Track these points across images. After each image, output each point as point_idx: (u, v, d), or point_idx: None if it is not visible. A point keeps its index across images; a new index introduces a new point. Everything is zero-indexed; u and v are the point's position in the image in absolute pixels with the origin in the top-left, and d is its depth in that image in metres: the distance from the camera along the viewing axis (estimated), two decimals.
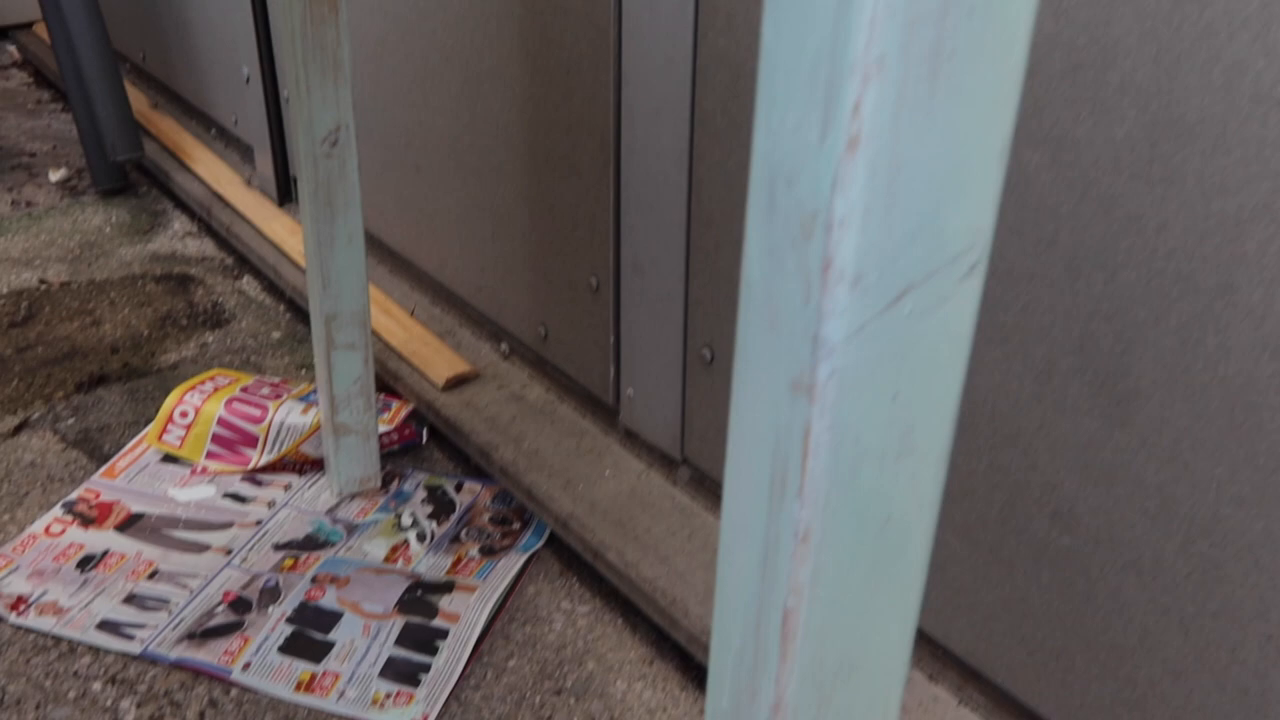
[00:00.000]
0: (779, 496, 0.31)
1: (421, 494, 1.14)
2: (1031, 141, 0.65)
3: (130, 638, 0.95)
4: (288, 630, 0.95)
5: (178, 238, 1.66)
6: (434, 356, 1.25)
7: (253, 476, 1.16)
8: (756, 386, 0.31)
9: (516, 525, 1.09)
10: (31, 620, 0.96)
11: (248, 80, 1.59)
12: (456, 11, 1.14)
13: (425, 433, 1.22)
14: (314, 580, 1.01)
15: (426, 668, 0.92)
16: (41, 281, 1.52)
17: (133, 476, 1.15)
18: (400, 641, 0.94)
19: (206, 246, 1.64)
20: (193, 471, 1.16)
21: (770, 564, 0.32)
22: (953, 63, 0.26)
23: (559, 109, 1.04)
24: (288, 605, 0.98)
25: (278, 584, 1.01)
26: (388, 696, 0.90)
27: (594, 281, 1.07)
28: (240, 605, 0.98)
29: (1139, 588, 0.68)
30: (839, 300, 0.28)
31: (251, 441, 1.17)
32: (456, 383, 1.21)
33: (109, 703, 0.88)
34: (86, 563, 1.03)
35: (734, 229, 0.90)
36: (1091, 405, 0.67)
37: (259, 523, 1.09)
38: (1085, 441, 0.68)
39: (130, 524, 1.09)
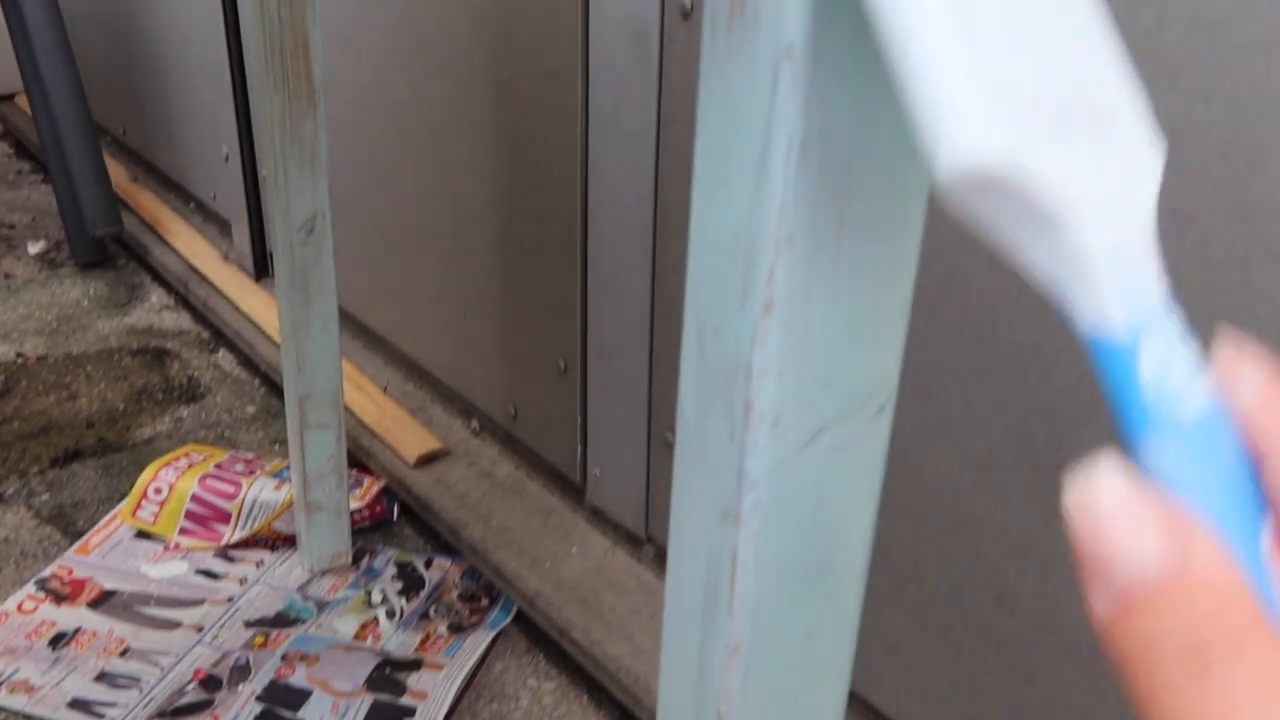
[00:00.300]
0: (712, 612, 0.34)
1: (392, 570, 1.16)
2: (970, 248, 0.69)
3: (101, 716, 0.96)
4: (257, 708, 0.97)
5: (155, 311, 1.68)
6: (406, 433, 1.27)
7: (225, 552, 1.18)
8: (691, 512, 0.34)
9: (485, 602, 1.11)
10: (3, 699, 0.97)
11: (227, 159, 1.63)
12: (431, 103, 1.18)
13: (396, 509, 1.24)
14: (284, 658, 1.03)
15: None
16: (19, 355, 1.54)
17: (106, 553, 1.17)
18: (368, 719, 0.96)
19: (183, 320, 1.66)
20: (166, 547, 1.18)
21: (705, 673, 0.35)
22: (855, 237, 0.29)
23: (528, 198, 1.08)
24: (258, 683, 1.00)
25: (248, 661, 1.02)
26: None
27: (562, 364, 1.10)
28: (211, 683, 1.00)
29: (1078, 671, 0.71)
30: (760, 440, 0.31)
31: (225, 517, 1.19)
32: (427, 459, 1.24)
33: None
34: (58, 640, 1.04)
35: None
36: (1030, 495, 0.70)
37: (230, 599, 1.11)
38: (1025, 530, 0.71)
39: (103, 601, 1.10)
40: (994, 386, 0.71)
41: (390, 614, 1.09)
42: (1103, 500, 0.19)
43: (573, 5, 0.95)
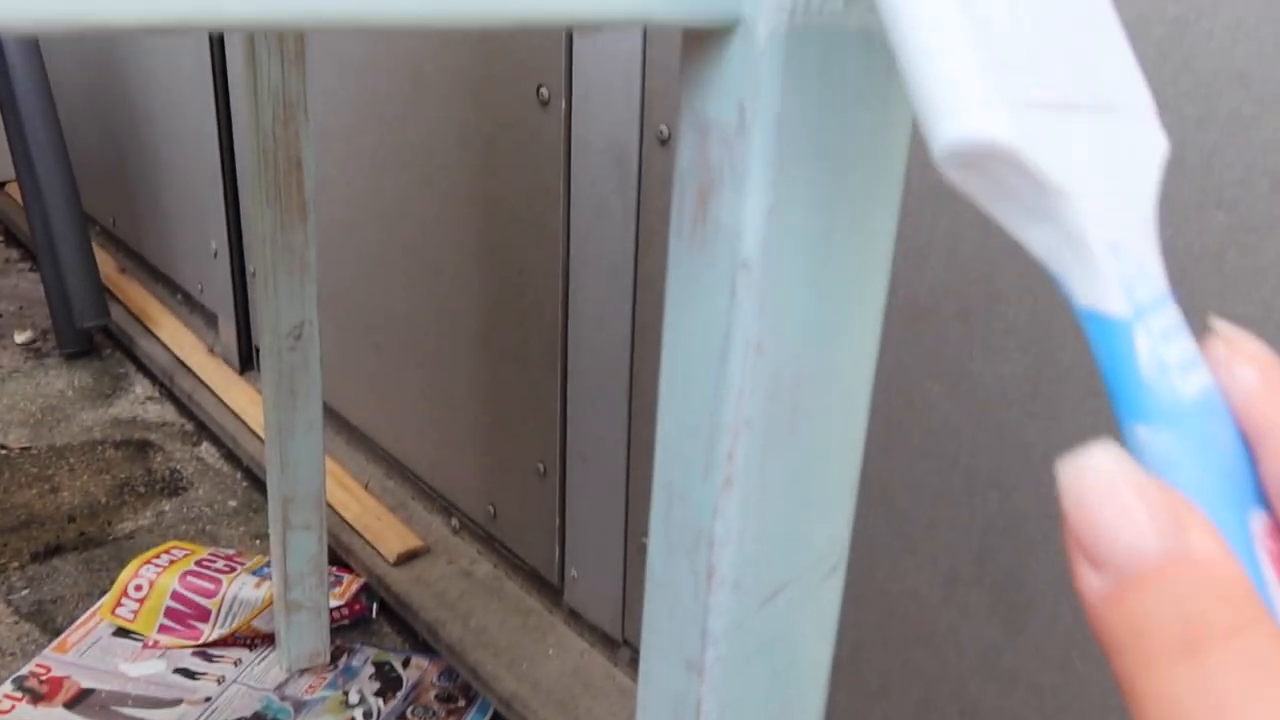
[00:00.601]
0: None
1: (369, 670, 1.17)
2: (932, 374, 0.73)
3: None
4: None
5: (139, 402, 1.70)
6: (386, 531, 1.29)
7: (204, 651, 1.19)
8: (659, 660, 0.37)
9: (462, 703, 1.12)
10: None
11: (215, 254, 1.66)
12: (419, 212, 1.22)
13: (375, 607, 1.25)
14: None
15: None
16: (2, 447, 1.55)
17: (84, 651, 1.17)
18: None
19: (167, 412, 1.68)
20: (144, 645, 1.19)
21: None
22: (807, 421, 0.32)
23: (511, 304, 1.12)
24: None
25: None
26: None
27: (541, 466, 1.12)
28: None
29: None
30: (722, 600, 0.34)
31: (204, 615, 1.20)
32: (407, 557, 1.25)
33: None
34: None
35: None
36: (991, 612, 0.73)
37: (208, 699, 1.12)
38: (987, 645, 0.74)
39: (80, 700, 1.10)
40: (956, 507, 0.73)
41: (367, 715, 1.10)
42: (1099, 478, 0.19)
43: (556, 126, 0.99)
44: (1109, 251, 0.21)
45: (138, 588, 1.22)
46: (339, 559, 1.29)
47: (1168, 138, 0.24)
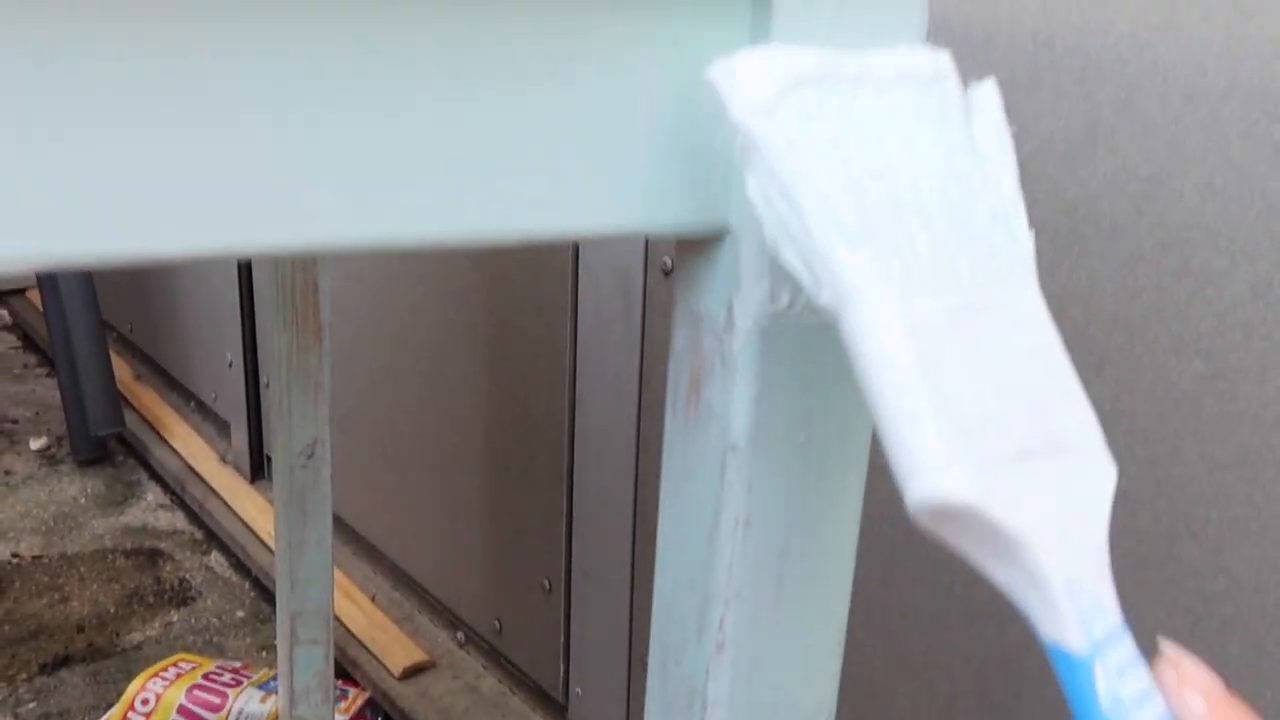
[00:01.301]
0: None
1: None
2: None
3: None
4: None
5: (150, 510, 1.72)
6: (392, 644, 1.30)
7: None
8: None
9: None
10: None
11: (230, 365, 1.69)
12: (430, 330, 1.25)
13: None
14: None
15: None
16: (14, 555, 1.57)
17: None
18: None
19: (178, 520, 1.70)
20: None
21: None
22: (793, 590, 0.35)
23: (517, 421, 1.14)
24: None
25: None
26: None
27: (546, 583, 1.14)
28: None
29: None
30: None
31: None
32: (413, 671, 1.26)
33: None
34: None
35: None
36: None
37: None
38: None
39: None
40: (953, 636, 0.75)
41: None
42: None
43: (563, 254, 1.03)
44: (1067, 590, 0.24)
45: (145, 701, 1.22)
46: (345, 672, 1.29)
47: (1115, 464, 0.27)
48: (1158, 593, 0.64)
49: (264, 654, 1.38)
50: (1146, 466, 0.63)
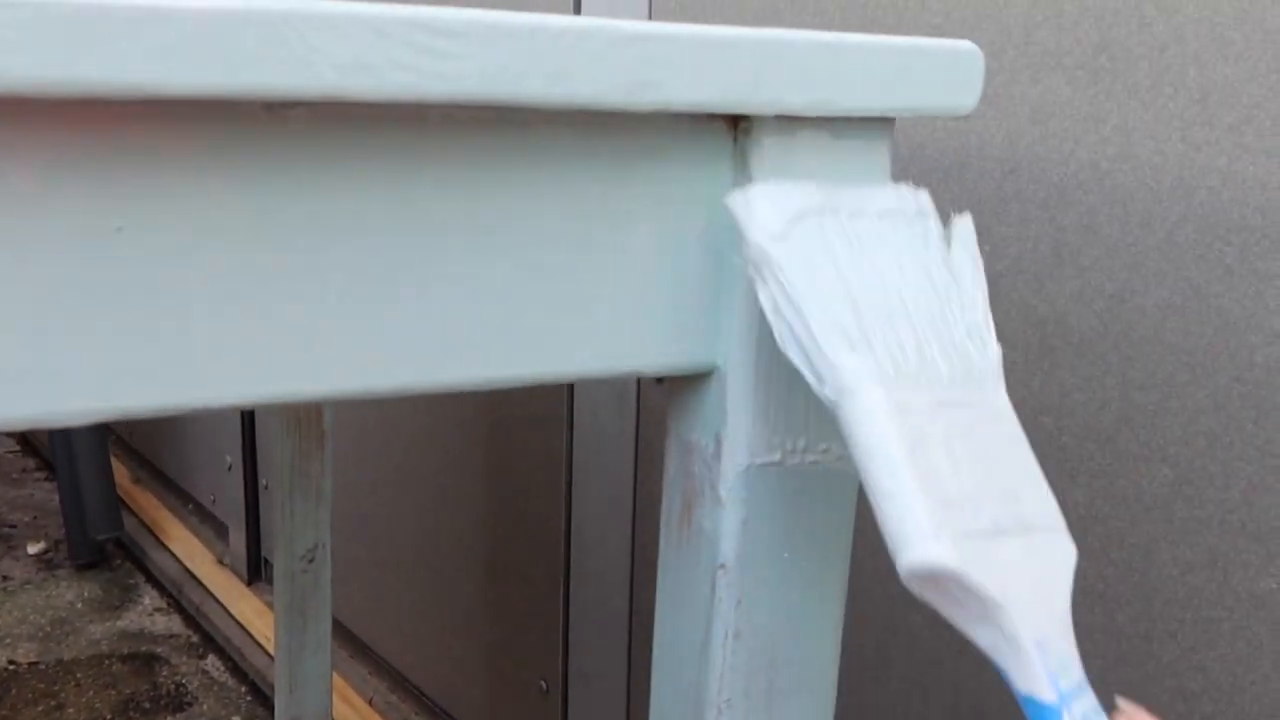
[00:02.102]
0: None
1: None
2: (913, 605, 0.77)
3: None
4: None
5: (147, 614, 1.73)
6: None
7: None
8: None
9: None
10: None
11: (230, 468, 1.71)
12: (428, 436, 1.28)
13: None
14: None
15: None
16: (11, 662, 1.57)
17: None
18: None
19: (175, 623, 1.70)
20: None
21: None
22: (782, 696, 0.37)
23: (514, 526, 1.17)
24: None
25: None
26: None
27: (544, 685, 1.15)
28: None
29: None
30: None
31: None
32: None
33: None
34: None
35: None
36: None
37: None
38: None
39: None
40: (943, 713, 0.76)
41: None
42: None
43: None
44: (1037, 649, 0.28)
45: None
46: None
47: (1074, 543, 0.31)
48: (1139, 691, 0.66)
49: None
50: (1123, 569, 0.65)
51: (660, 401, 0.97)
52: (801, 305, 0.30)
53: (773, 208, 0.31)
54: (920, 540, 0.28)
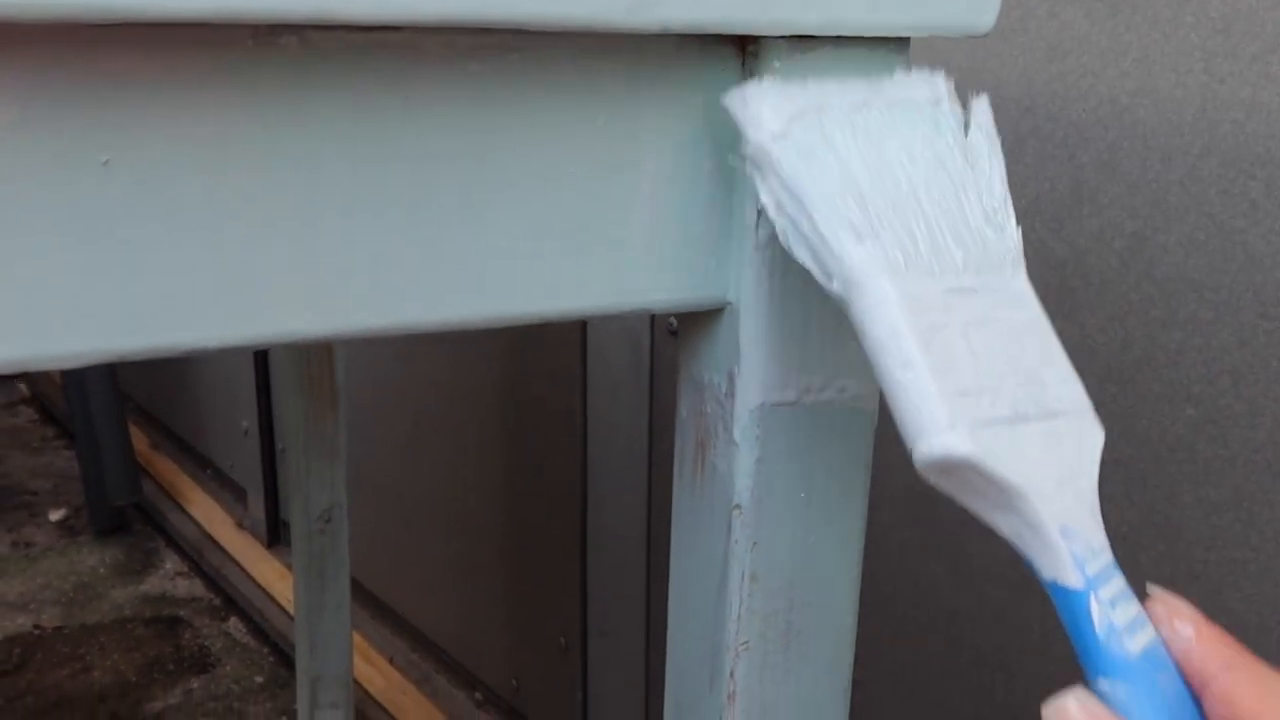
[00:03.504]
0: None
1: None
2: (934, 554, 0.76)
3: None
4: None
5: (169, 578, 1.74)
6: (411, 706, 1.31)
7: None
8: None
9: None
10: None
11: (246, 433, 1.72)
12: (443, 392, 1.28)
13: None
14: None
15: None
16: (36, 627, 1.58)
17: None
18: None
19: (196, 587, 1.71)
20: None
21: None
22: (800, 639, 0.36)
23: (532, 482, 1.16)
24: None
25: None
26: None
27: (563, 641, 1.15)
28: None
29: None
30: None
31: None
32: None
33: None
34: None
35: None
36: None
37: None
38: None
39: None
40: (965, 685, 0.76)
41: None
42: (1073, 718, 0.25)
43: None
44: (1062, 535, 0.27)
45: None
46: None
47: (1102, 427, 0.30)
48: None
49: (284, 719, 1.39)
50: (1145, 512, 0.64)
51: (673, 359, 0.96)
52: (804, 199, 0.29)
53: (772, 104, 0.30)
54: (935, 430, 0.27)
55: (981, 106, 0.33)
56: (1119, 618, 0.26)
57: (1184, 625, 0.27)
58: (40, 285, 0.25)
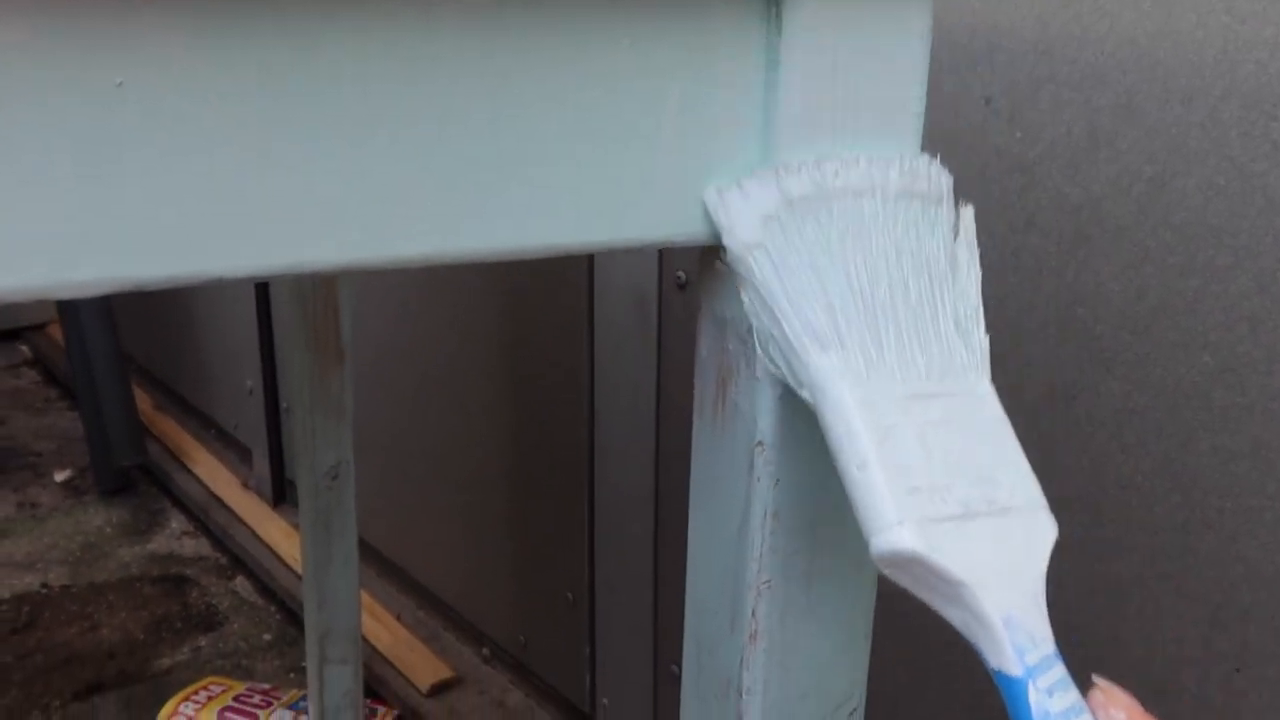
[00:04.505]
0: None
1: None
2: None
3: None
4: None
5: (175, 537, 1.74)
6: (419, 661, 1.31)
7: None
8: None
9: None
10: None
11: (250, 392, 1.71)
12: (450, 351, 1.27)
13: None
14: None
15: None
16: (44, 585, 1.59)
17: None
18: None
19: (202, 546, 1.71)
20: None
21: None
22: (822, 579, 0.36)
23: (538, 437, 1.16)
24: None
25: None
26: None
27: (570, 596, 1.15)
28: None
29: None
30: None
31: None
32: (440, 688, 1.27)
33: None
34: None
35: None
36: None
37: None
38: None
39: None
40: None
41: None
42: None
43: (580, 271, 1.05)
44: (1005, 625, 0.29)
45: None
46: (372, 690, 1.31)
47: (1056, 524, 0.31)
48: (1177, 583, 0.65)
49: (293, 676, 1.39)
50: (1160, 460, 0.64)
51: (680, 312, 0.96)
52: (775, 309, 0.31)
53: (749, 207, 0.32)
54: (885, 526, 0.29)
55: (968, 216, 0.34)
56: (1055, 705, 0.28)
57: (1118, 713, 0.29)
58: (51, 212, 0.25)
